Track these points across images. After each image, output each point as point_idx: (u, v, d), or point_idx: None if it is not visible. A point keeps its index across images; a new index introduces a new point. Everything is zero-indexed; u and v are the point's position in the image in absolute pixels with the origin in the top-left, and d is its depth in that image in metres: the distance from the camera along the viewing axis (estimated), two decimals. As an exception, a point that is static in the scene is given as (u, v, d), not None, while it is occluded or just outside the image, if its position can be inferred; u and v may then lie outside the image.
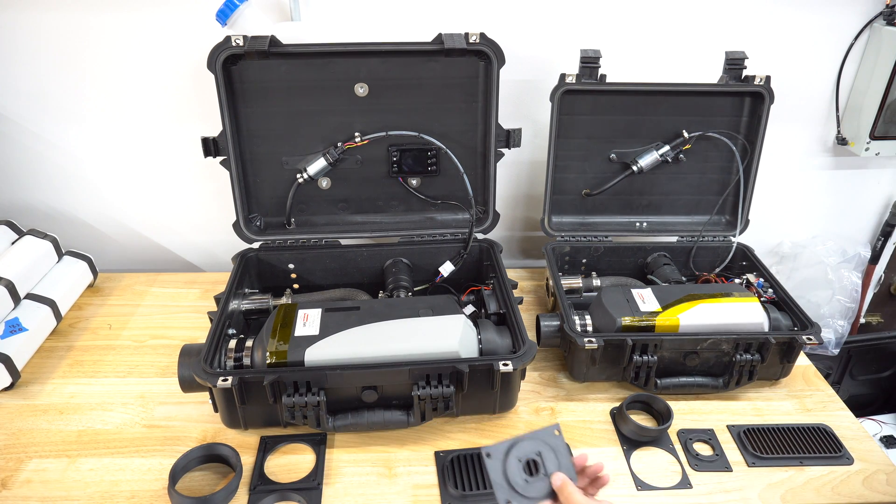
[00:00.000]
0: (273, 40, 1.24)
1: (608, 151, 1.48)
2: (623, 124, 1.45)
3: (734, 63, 1.39)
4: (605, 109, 1.43)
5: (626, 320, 1.22)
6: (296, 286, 1.45)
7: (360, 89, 1.35)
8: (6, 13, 1.35)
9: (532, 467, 0.82)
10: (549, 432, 0.84)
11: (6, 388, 1.22)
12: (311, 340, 1.10)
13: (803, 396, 1.26)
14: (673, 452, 1.12)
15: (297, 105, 1.35)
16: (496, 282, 1.34)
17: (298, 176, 1.40)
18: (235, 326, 1.24)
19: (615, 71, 1.38)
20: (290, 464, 1.08)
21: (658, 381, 1.21)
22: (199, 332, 1.40)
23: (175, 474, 1.03)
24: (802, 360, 1.35)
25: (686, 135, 1.44)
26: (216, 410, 1.11)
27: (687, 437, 1.15)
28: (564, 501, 0.78)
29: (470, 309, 1.22)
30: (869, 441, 1.16)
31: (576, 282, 1.44)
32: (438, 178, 1.45)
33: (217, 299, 1.26)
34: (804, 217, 1.81)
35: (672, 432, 1.16)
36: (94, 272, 1.54)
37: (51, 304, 1.35)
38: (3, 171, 1.56)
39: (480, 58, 1.32)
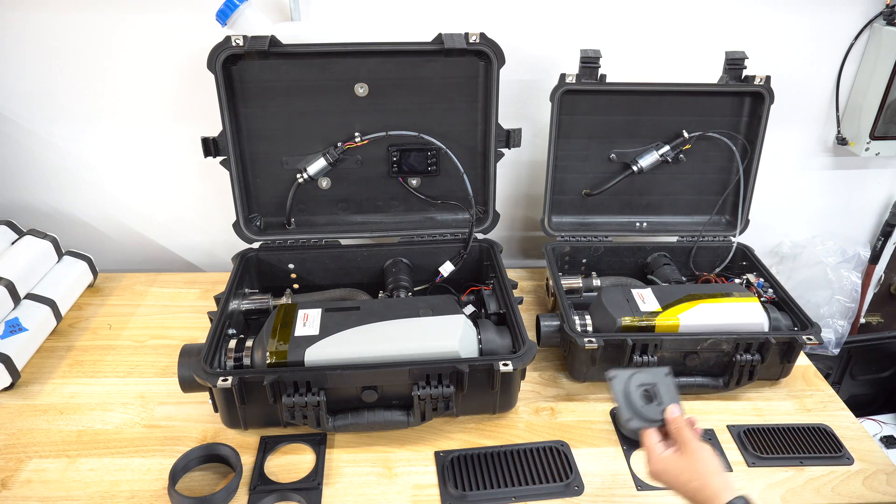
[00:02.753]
0: (273, 40, 1.24)
1: (608, 151, 1.48)
2: (623, 124, 1.45)
3: (734, 63, 1.39)
4: (605, 109, 1.43)
5: (626, 320, 1.22)
6: (296, 286, 1.45)
7: (360, 89, 1.35)
8: (5, 14, 1.35)
9: (648, 396, 0.93)
10: (661, 372, 0.95)
11: (6, 388, 1.22)
12: (311, 340, 1.10)
13: (803, 396, 1.26)
14: (673, 452, 1.12)
15: (297, 105, 1.35)
16: (496, 282, 1.34)
17: (298, 176, 1.40)
18: (235, 326, 1.24)
19: (615, 71, 1.38)
20: (290, 464, 1.08)
21: (658, 381, 1.21)
22: (199, 332, 1.40)
23: (175, 474, 1.03)
24: (802, 360, 1.35)
25: (686, 135, 1.44)
26: (216, 410, 1.11)
27: (687, 437, 1.15)
28: (674, 431, 0.88)
29: (470, 309, 1.22)
30: (869, 441, 1.16)
31: (576, 282, 1.44)
32: (438, 178, 1.45)
33: (217, 299, 1.26)
34: (804, 217, 1.81)
35: (672, 432, 1.16)
36: (94, 272, 1.54)
37: (51, 304, 1.35)
38: (3, 171, 1.56)
39: (480, 58, 1.32)
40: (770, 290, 1.37)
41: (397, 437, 1.13)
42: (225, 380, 1.02)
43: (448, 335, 1.12)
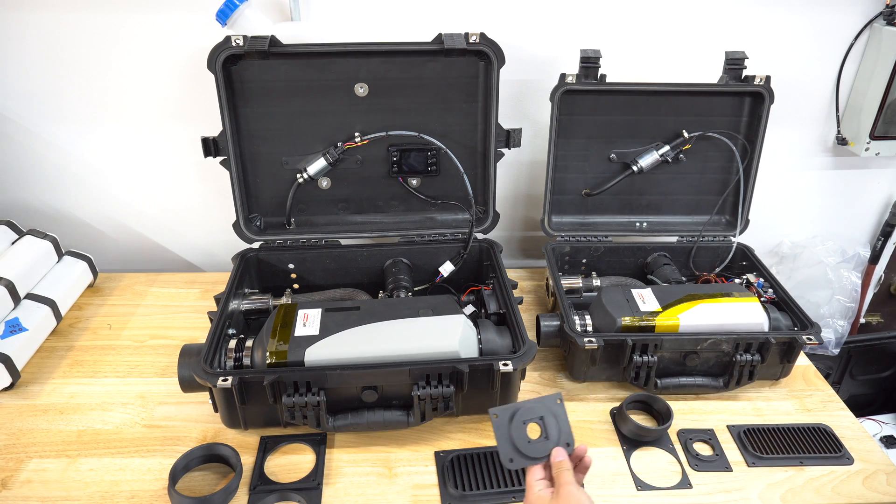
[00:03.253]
0: (273, 40, 1.24)
1: (608, 151, 1.48)
2: (623, 124, 1.45)
3: (734, 63, 1.39)
4: (605, 109, 1.43)
5: (626, 320, 1.22)
6: (296, 286, 1.45)
7: (360, 89, 1.35)
8: (5, 14, 1.35)
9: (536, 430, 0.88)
10: (553, 400, 0.89)
11: (6, 388, 1.22)
12: (311, 340, 1.10)
13: (803, 396, 1.26)
14: (673, 452, 1.12)
15: (297, 105, 1.35)
16: (496, 282, 1.34)
17: (298, 176, 1.40)
18: (235, 326, 1.24)
19: (615, 71, 1.38)
20: (290, 464, 1.08)
21: (658, 381, 1.21)
22: (199, 332, 1.40)
23: (175, 474, 1.03)
24: (802, 360, 1.35)
25: (686, 135, 1.44)
26: (216, 410, 1.11)
27: (687, 437, 1.15)
28: (555, 474, 0.83)
29: (470, 309, 1.22)
30: (869, 441, 1.16)
31: (576, 282, 1.44)
32: (438, 178, 1.45)
33: (217, 299, 1.26)
34: (804, 217, 1.81)
35: (672, 432, 1.16)
36: (94, 272, 1.54)
37: (51, 304, 1.35)
38: (3, 171, 1.56)
39: (480, 58, 1.32)
40: (770, 290, 1.37)
41: (397, 437, 1.13)
42: (225, 380, 1.02)
43: (448, 335, 1.12)
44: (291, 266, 1.43)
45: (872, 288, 1.92)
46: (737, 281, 1.43)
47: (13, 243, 1.43)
